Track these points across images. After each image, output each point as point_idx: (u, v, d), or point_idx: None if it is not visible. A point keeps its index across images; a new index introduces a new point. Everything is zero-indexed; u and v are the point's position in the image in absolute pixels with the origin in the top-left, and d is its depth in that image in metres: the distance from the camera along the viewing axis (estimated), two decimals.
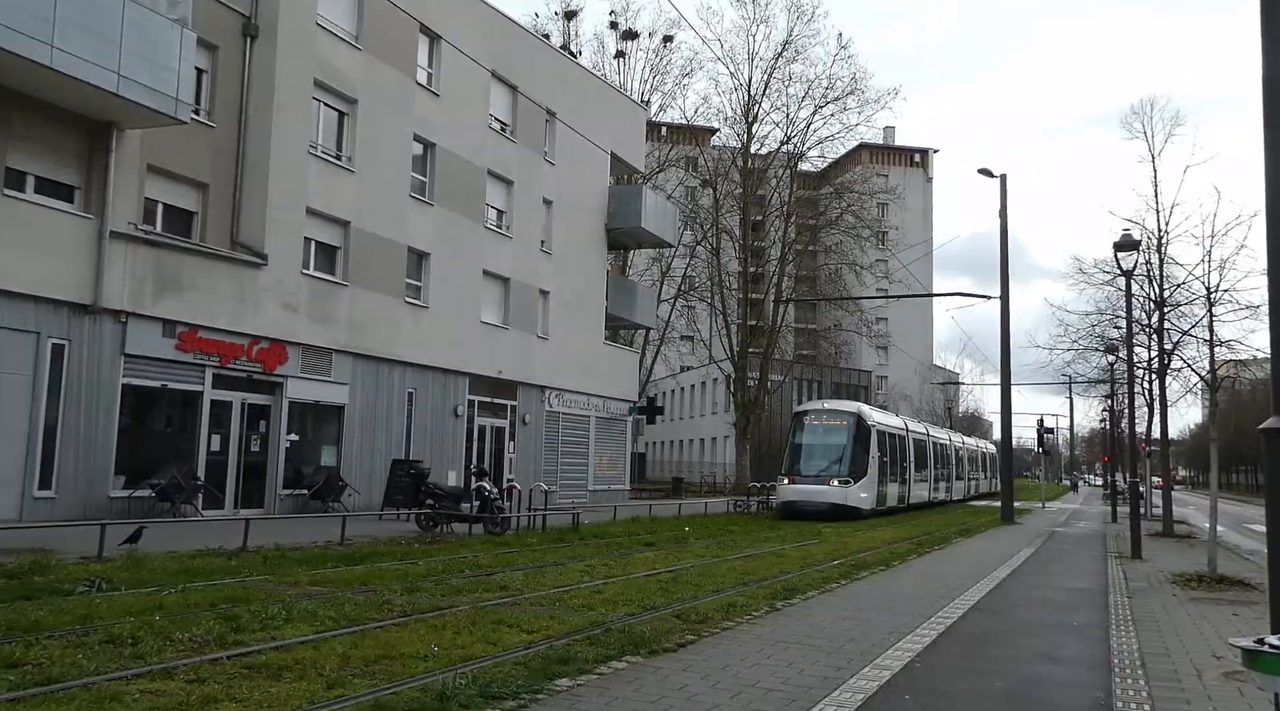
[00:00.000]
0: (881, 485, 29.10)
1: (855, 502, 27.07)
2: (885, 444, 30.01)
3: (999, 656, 7.42)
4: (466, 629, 7.41)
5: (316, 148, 21.29)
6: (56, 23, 14.28)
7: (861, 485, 27.60)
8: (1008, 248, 29.41)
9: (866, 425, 28.78)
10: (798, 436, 28.82)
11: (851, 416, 28.72)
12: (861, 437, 28.31)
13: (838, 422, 28.52)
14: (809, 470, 27.58)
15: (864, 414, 29.27)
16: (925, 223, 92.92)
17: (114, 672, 5.62)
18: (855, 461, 27.68)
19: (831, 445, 28.04)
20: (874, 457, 28.39)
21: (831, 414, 29.10)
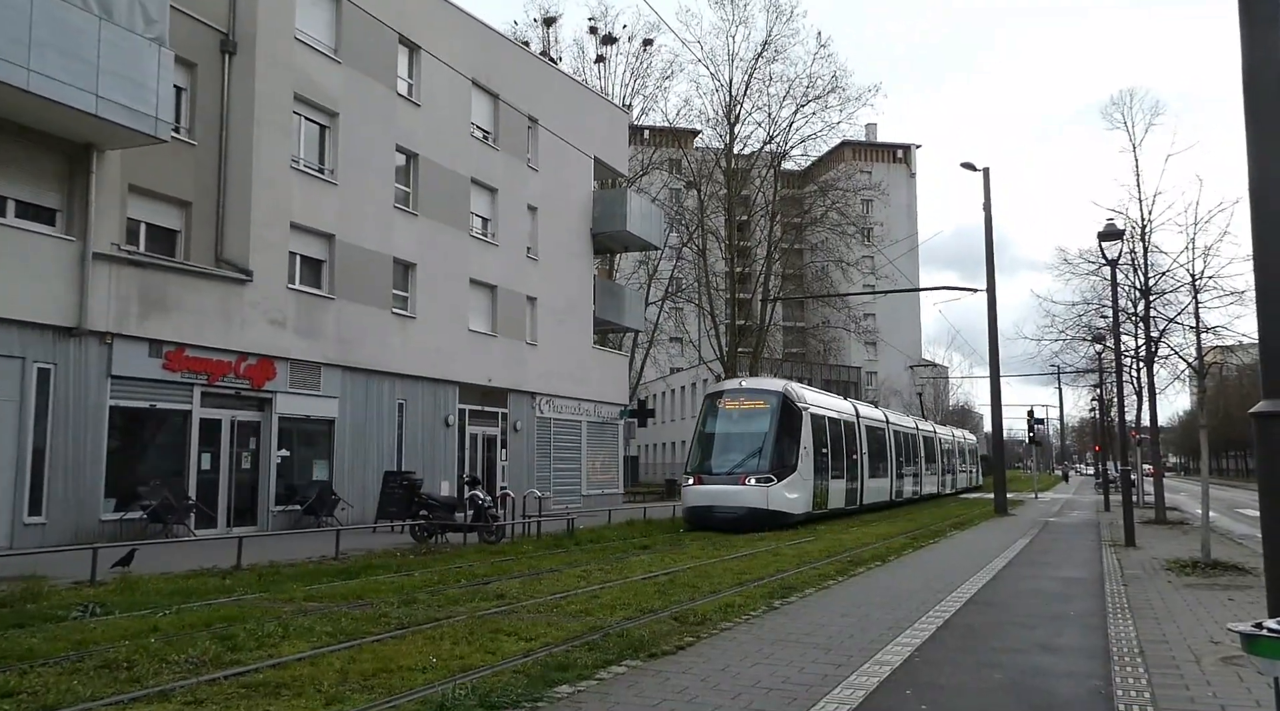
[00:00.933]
0: (819, 482, 23.73)
1: (780, 506, 21.42)
2: (824, 432, 24.70)
3: (998, 648, 7.43)
4: (464, 639, 7.38)
5: (299, 162, 21.23)
6: (32, 45, 14.20)
7: (788, 484, 21.85)
8: (993, 241, 29.56)
9: (795, 408, 22.93)
10: (708, 424, 23.18)
11: (774, 397, 22.77)
12: (788, 423, 22.52)
13: (757, 405, 22.71)
14: (720, 466, 22.01)
15: (792, 394, 23.20)
16: (910, 218, 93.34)
17: (110, 697, 5.58)
18: (780, 454, 22.04)
19: (749, 434, 22.37)
20: (806, 449, 22.77)
21: (750, 394, 23.15)
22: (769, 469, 21.57)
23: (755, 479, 21.34)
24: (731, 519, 20.68)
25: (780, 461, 21.88)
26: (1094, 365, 36.21)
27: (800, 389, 24.69)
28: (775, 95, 46.22)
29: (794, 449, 22.40)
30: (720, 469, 21.90)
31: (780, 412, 22.40)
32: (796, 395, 23.38)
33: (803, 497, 22.47)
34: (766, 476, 21.42)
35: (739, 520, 20.65)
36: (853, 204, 51.50)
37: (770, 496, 21.15)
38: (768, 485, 21.25)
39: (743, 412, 22.80)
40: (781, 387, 23.28)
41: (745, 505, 20.92)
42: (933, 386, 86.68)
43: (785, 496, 21.61)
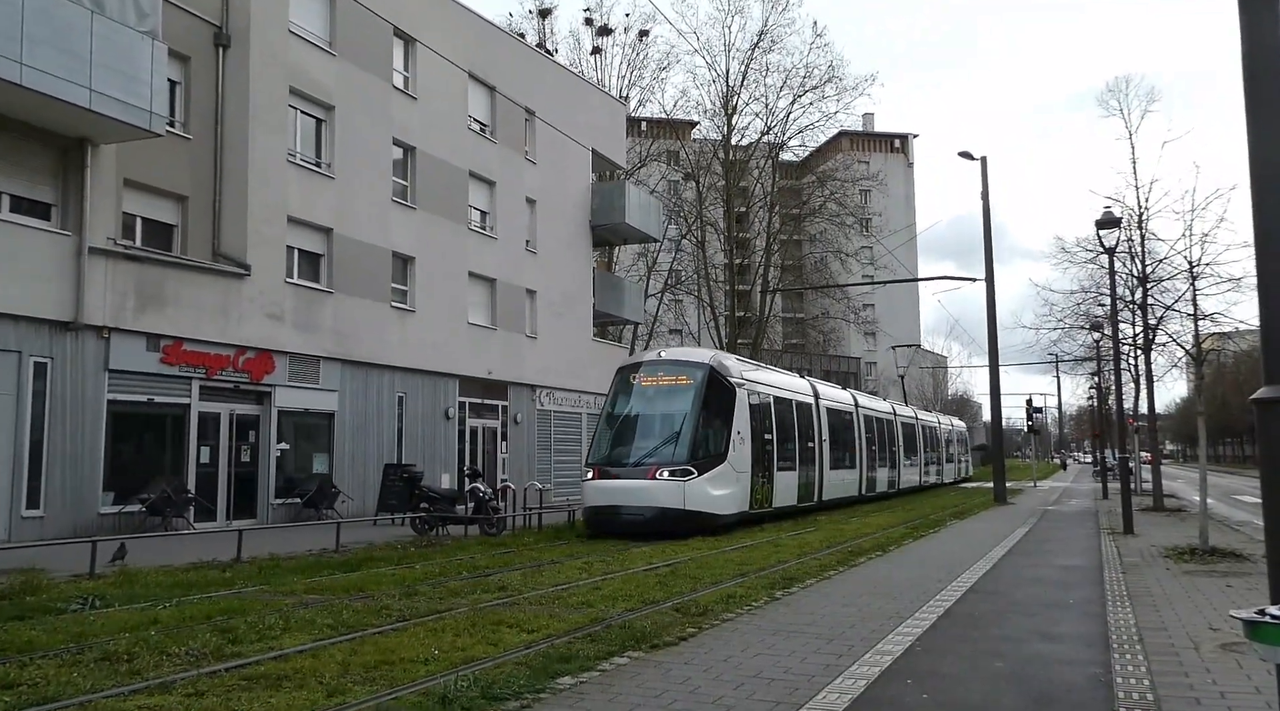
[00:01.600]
0: (760, 476, 19.56)
1: (702, 504, 17.26)
2: (768, 415, 20.55)
3: (998, 637, 7.43)
4: (466, 631, 7.38)
5: (295, 156, 21.17)
6: (24, 40, 14.14)
7: (714, 477, 17.63)
8: (991, 230, 29.51)
9: (726, 385, 18.64)
10: (616, 404, 18.99)
11: (699, 371, 18.51)
12: (716, 404, 18.37)
13: (677, 380, 18.55)
14: (627, 456, 17.95)
15: (722, 367, 18.93)
16: (908, 208, 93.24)
17: (110, 690, 5.57)
18: (704, 440, 17.90)
19: (664, 417, 18.32)
20: (740, 435, 18.62)
21: (669, 368, 18.87)
22: (687, 459, 17.32)
23: (669, 472, 17.11)
24: (639, 522, 16.85)
25: (704, 450, 17.75)
26: (1092, 353, 36.24)
27: (735, 362, 20.20)
28: (772, 86, 46.24)
29: (723, 434, 18.21)
30: (627, 460, 17.82)
31: (705, 390, 18.15)
32: (728, 369, 19.03)
33: (735, 494, 18.26)
34: (684, 468, 17.16)
35: (648, 523, 16.76)
36: (851, 194, 51.57)
37: (688, 493, 17.02)
38: (685, 479, 17.07)
39: (659, 390, 18.52)
40: (709, 359, 18.96)
41: (655, 505, 16.92)
42: (931, 375, 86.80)
43: (709, 493, 17.42)
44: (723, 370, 18.88)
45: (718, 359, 19.46)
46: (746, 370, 20.42)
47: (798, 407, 22.97)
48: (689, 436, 17.72)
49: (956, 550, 14.29)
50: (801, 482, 22.50)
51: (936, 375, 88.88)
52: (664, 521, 16.82)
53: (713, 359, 19.20)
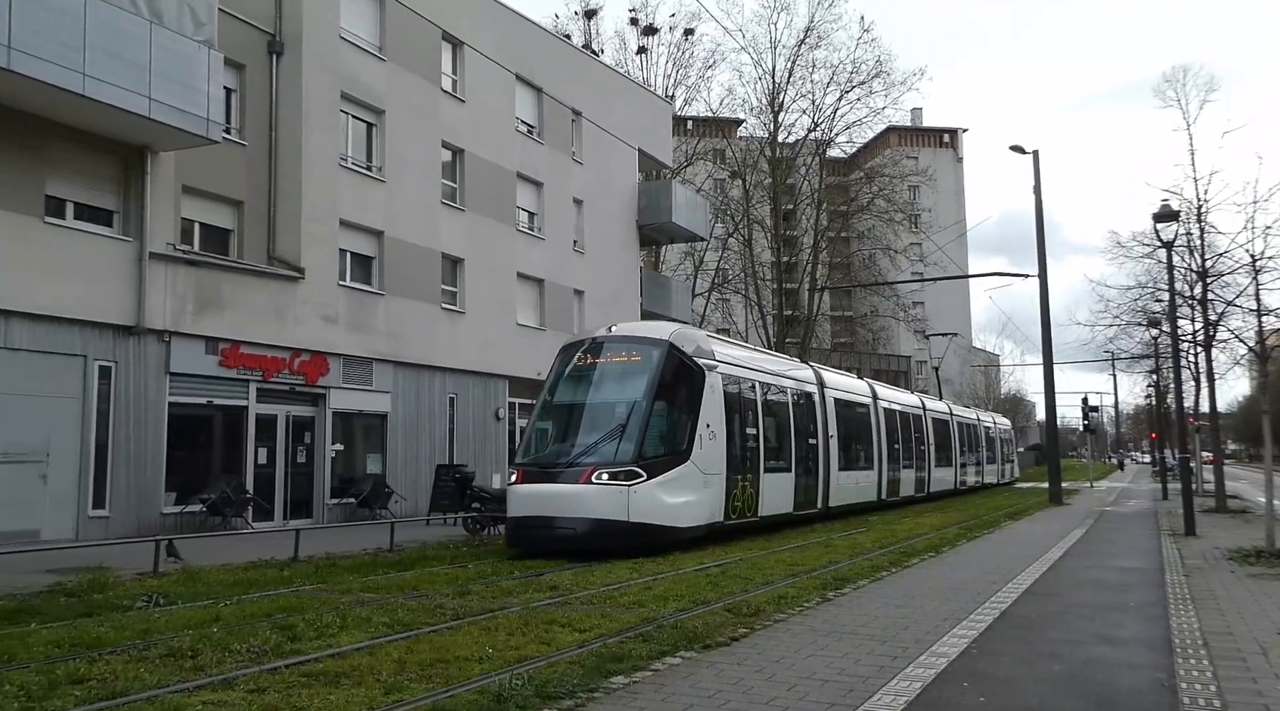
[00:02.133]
0: (740, 478, 16.21)
1: (653, 515, 13.83)
2: (750, 405, 17.17)
3: (1056, 640, 7.31)
4: (519, 630, 7.44)
5: (347, 160, 21.50)
6: (87, 51, 14.53)
7: (671, 481, 14.21)
8: (1044, 225, 29.01)
9: (691, 367, 15.22)
10: (555, 391, 15.52)
11: (655, 349, 15.04)
12: (678, 389, 14.98)
13: (628, 360, 15.14)
14: (558, 455, 14.59)
15: (687, 345, 15.41)
16: (958, 203, 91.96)
17: (176, 685, 5.71)
18: (659, 434, 14.50)
19: (608, 405, 14.91)
20: (710, 428, 15.19)
21: (619, 345, 15.43)
22: (633, 458, 13.81)
23: (609, 474, 13.62)
24: (570, 537, 13.45)
25: (657, 446, 14.33)
26: (1150, 350, 35.43)
27: (706, 339, 16.59)
28: (819, 82, 45.89)
29: (686, 427, 14.77)
30: (559, 459, 14.42)
31: (662, 373, 14.70)
32: (695, 347, 15.50)
33: (702, 501, 14.84)
34: (628, 470, 13.71)
35: (581, 539, 13.38)
36: (899, 190, 51.00)
37: (634, 501, 13.55)
38: (630, 484, 13.61)
39: (606, 373, 15.18)
40: (668, 335, 15.35)
41: (589, 516, 13.48)
42: (983, 373, 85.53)
43: (663, 501, 13.97)
44: (686, 348, 15.28)
45: (681, 335, 15.72)
46: (723, 349, 16.84)
47: (796, 397, 19.53)
48: (637, 430, 14.08)
49: (1012, 551, 14.08)
50: (801, 486, 19.11)
51: (989, 374, 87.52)
52: (601, 536, 13.38)
53: (674, 334, 15.45)
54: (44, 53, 13.89)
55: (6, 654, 6.76)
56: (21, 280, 15.02)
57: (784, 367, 20.44)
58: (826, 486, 20.77)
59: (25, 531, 14.83)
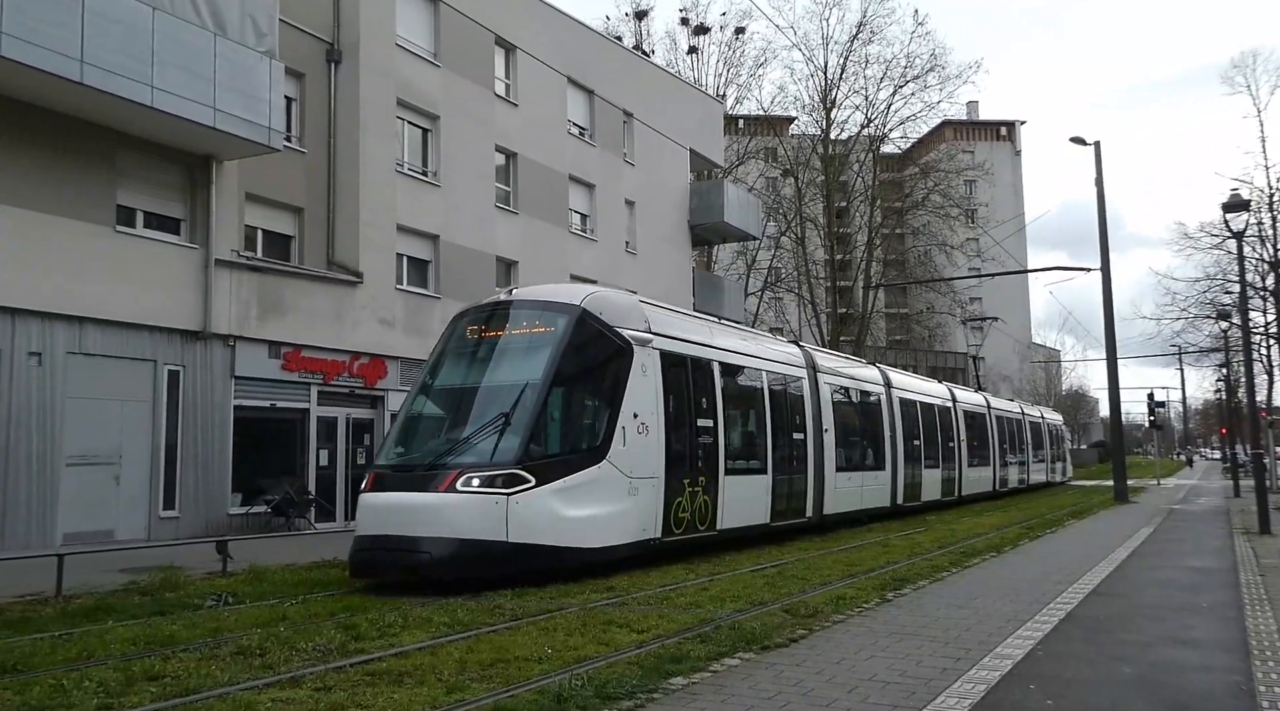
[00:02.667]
0: (690, 485, 12.95)
1: (548, 534, 10.73)
2: (706, 393, 13.79)
3: (1125, 641, 7.15)
4: (577, 630, 7.48)
5: (403, 165, 21.82)
6: (155, 63, 14.95)
7: (578, 488, 11.13)
8: (1106, 217, 28.31)
9: (613, 340, 12.03)
10: (434, 372, 12.30)
11: (563, 317, 11.85)
12: (592, 368, 12.00)
13: (530, 331, 11.96)
14: (421, 453, 11.48)
15: (606, 314, 12.12)
16: (1016, 197, 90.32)
17: (246, 683, 5.85)
18: (561, 426, 11.55)
19: (494, 389, 11.75)
20: (638, 420, 11.95)
21: (519, 313, 12.20)
22: (518, 457, 10.59)
23: (480, 478, 10.36)
24: (424, 564, 10.14)
25: (556, 442, 11.35)
26: (1219, 344, 34.45)
27: (636, 305, 12.95)
28: (872, 77, 45.57)
29: (600, 418, 11.66)
30: (420, 459, 11.24)
31: (570, 348, 11.51)
32: (619, 315, 12.22)
33: (623, 513, 11.56)
34: (510, 473, 10.45)
35: (438, 566, 10.08)
36: (955, 185, 50.28)
37: (516, 515, 10.32)
38: (511, 491, 10.36)
39: (498, 348, 11.99)
40: (581, 300, 12.04)
41: (450, 534, 10.16)
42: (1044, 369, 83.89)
43: (561, 514, 10.77)
44: (606, 316, 11.95)
45: (600, 300, 12.25)
46: (665, 319, 13.37)
47: (777, 383, 16.25)
48: (526, 421, 10.83)
49: (1076, 551, 13.79)
50: (783, 492, 15.79)
51: (1050, 370, 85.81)
52: (468, 562, 10.12)
53: (589, 299, 12.05)
54: (114, 66, 14.32)
55: (86, 651, 6.99)
56: (95, 288, 15.50)
57: (760, 346, 16.62)
58: (820, 491, 17.26)
59: (100, 531, 15.32)
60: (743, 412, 15.37)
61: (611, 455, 11.52)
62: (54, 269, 14.95)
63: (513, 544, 10.40)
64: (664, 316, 13.56)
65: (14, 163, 14.52)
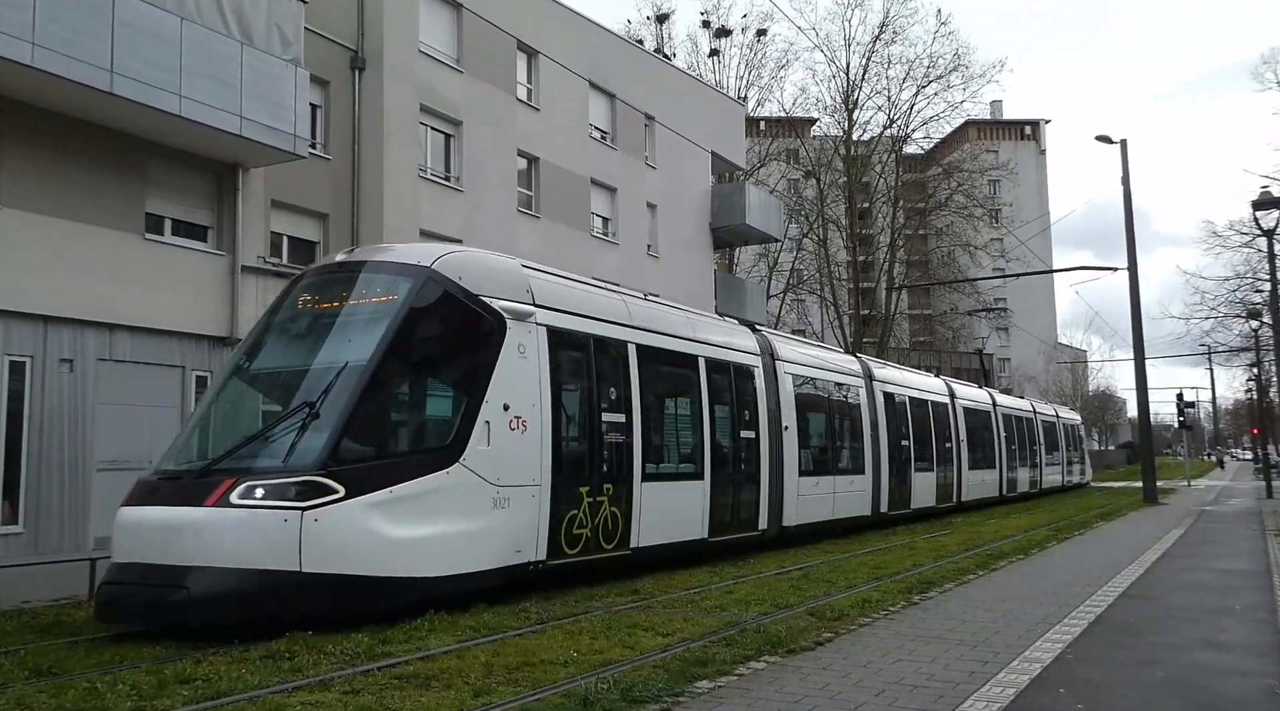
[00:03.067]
0: (585, 494, 10.72)
1: (363, 563, 8.28)
2: (611, 378, 11.53)
3: (1157, 645, 7.08)
4: (602, 633, 7.50)
5: (426, 171, 21.95)
6: (182, 73, 15.11)
7: (409, 500, 8.61)
8: (1133, 216, 28.08)
9: (478, 314, 9.72)
10: (249, 352, 10.27)
11: (407, 283, 9.45)
12: (444, 345, 9.86)
13: (365, 301, 9.67)
14: (200, 453, 9.16)
15: (468, 273, 9.81)
16: (1041, 197, 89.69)
17: (276, 686, 5.91)
18: (391, 420, 9.39)
19: (309, 372, 9.29)
20: (509, 414, 9.64)
21: (353, 278, 9.98)
22: (324, 458, 8.35)
23: (263, 487, 8.14)
24: (180, 605, 7.83)
25: (384, 440, 9.18)
26: (1250, 343, 34.03)
27: (515, 270, 10.61)
28: (894, 78, 45.26)
29: (454, 409, 9.47)
30: (195, 462, 8.99)
31: (410, 320, 9.31)
32: (486, 282, 9.94)
33: (484, 532, 9.27)
34: (307, 481, 8.19)
35: (205, 607, 7.82)
36: (979, 185, 50.00)
37: (314, 535, 8.02)
38: (305, 505, 8.05)
39: (325, 321, 9.74)
40: (432, 261, 9.71)
41: (220, 564, 7.89)
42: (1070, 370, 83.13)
43: (383, 534, 8.43)
44: (466, 282, 9.50)
45: (457, 262, 9.72)
46: (556, 289, 10.95)
47: (719, 372, 13.60)
48: (340, 412, 8.50)
49: (1105, 553, 13.66)
50: (726, 502, 13.38)
51: (1076, 370, 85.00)
52: (247, 601, 7.81)
53: (443, 261, 9.57)
54: (143, 76, 14.49)
55: (119, 654, 7.08)
56: (124, 294, 15.68)
57: (699, 328, 13.74)
58: (778, 499, 14.85)
59: None
60: (671, 406, 13.12)
61: (468, 457, 9.02)
62: (84, 277, 15.14)
63: (309, 575, 7.86)
64: (556, 286, 11.12)
65: (44, 171, 14.73)
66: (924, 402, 22.51)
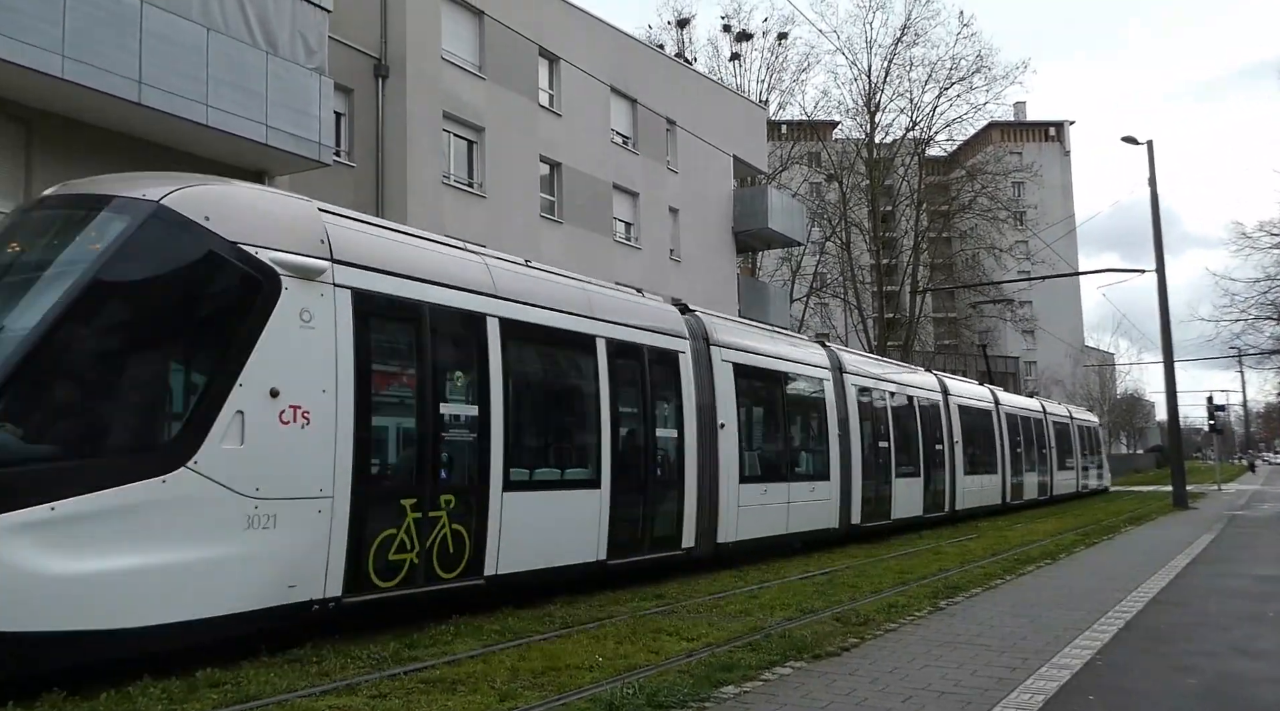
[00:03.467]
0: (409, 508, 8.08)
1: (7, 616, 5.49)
2: (466, 357, 9.10)
3: (1188, 652, 6.99)
4: (628, 638, 7.49)
5: (449, 177, 22.07)
6: (209, 83, 15.27)
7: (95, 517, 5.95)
8: (1160, 218, 27.79)
9: (233, 267, 6.99)
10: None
11: (123, 220, 6.70)
12: (166, 299, 6.88)
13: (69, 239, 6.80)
14: None
15: (218, 210, 7.04)
16: (1066, 199, 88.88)
17: (304, 690, 5.94)
18: (70, 401, 6.32)
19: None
20: (276, 401, 6.99)
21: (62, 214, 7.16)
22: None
23: None
24: None
25: (53, 430, 6.33)
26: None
27: (289, 213, 7.87)
28: (917, 80, 45.20)
29: (185, 393, 6.95)
30: None
31: (115, 266, 6.64)
32: (244, 223, 7.26)
33: (233, 560, 6.72)
34: None
35: None
36: (1003, 187, 49.68)
37: None
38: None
39: (14, 269, 6.97)
40: (162, 196, 6.94)
41: None
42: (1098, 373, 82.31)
43: (33, 571, 5.69)
44: (216, 225, 7.01)
45: (202, 198, 7.15)
46: (367, 242, 8.33)
47: (616, 354, 10.90)
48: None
49: (1134, 558, 13.51)
50: (627, 514, 10.77)
51: (1104, 373, 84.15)
52: None
53: (179, 196, 6.99)
54: (171, 86, 14.66)
55: (149, 657, 7.13)
56: None
57: (597, 302, 11.07)
58: (710, 510, 12.32)
59: None
60: (554, 398, 10.76)
61: (202, 460, 6.56)
62: None
63: None
64: (371, 238, 8.38)
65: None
66: (907, 399, 19.32)
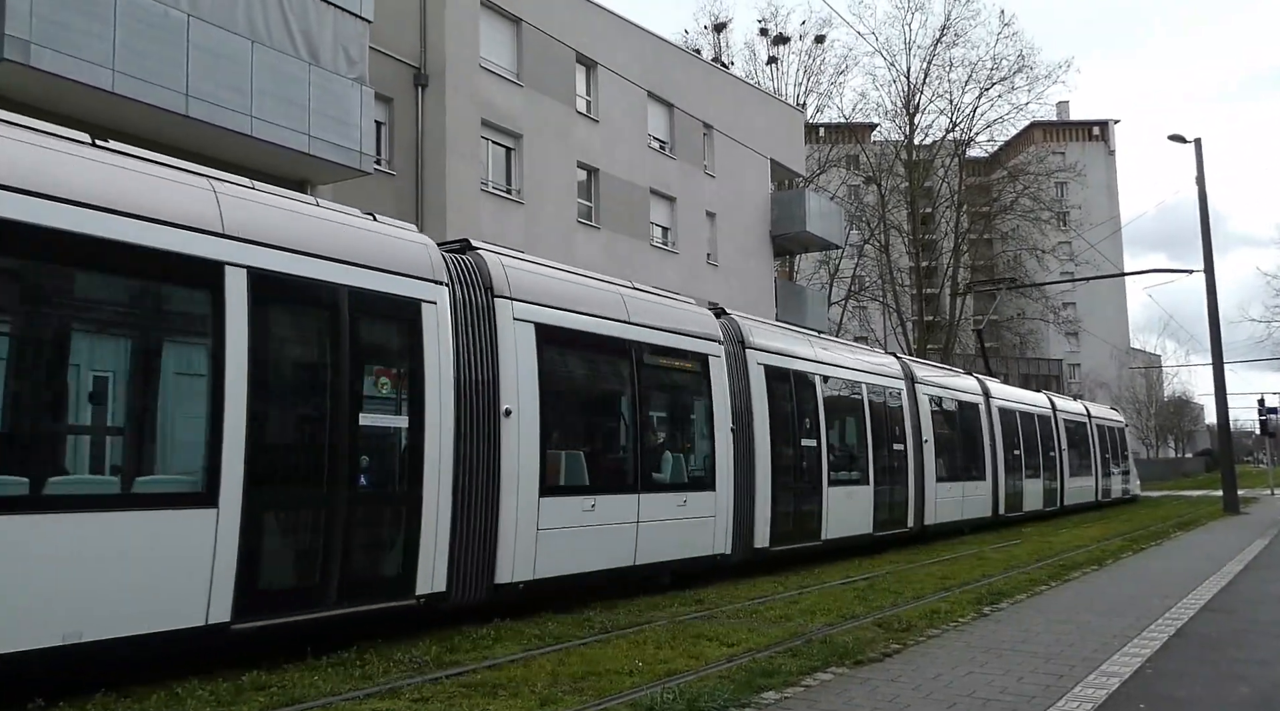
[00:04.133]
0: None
1: None
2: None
3: (1241, 660, 6.83)
4: (667, 643, 7.48)
5: (488, 184, 22.24)
6: (253, 94, 15.54)
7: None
8: (1208, 217, 27.25)
9: None
10: None
11: None
12: None
13: None
14: None
15: None
16: (1110, 199, 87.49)
17: (348, 693, 6.00)
18: None
19: None
20: None
21: None
22: None
23: None
24: None
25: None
26: None
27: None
28: (956, 81, 44.77)
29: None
30: None
31: None
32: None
33: None
34: None
35: None
36: (1045, 188, 49.07)
37: None
38: None
39: None
40: None
41: None
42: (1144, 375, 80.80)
43: None
44: None
45: None
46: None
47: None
48: None
49: (1184, 564, 13.24)
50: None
51: (1150, 376, 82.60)
52: None
53: None
54: (216, 98, 14.93)
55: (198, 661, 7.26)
56: None
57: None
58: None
59: None
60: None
61: None
62: None
63: None
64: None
65: None
66: (855, 386, 15.40)
